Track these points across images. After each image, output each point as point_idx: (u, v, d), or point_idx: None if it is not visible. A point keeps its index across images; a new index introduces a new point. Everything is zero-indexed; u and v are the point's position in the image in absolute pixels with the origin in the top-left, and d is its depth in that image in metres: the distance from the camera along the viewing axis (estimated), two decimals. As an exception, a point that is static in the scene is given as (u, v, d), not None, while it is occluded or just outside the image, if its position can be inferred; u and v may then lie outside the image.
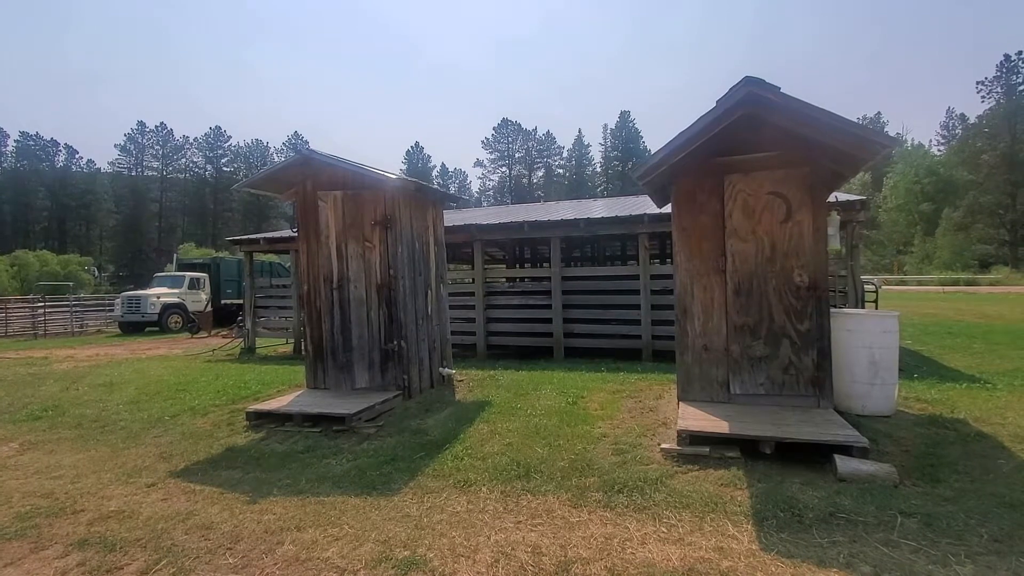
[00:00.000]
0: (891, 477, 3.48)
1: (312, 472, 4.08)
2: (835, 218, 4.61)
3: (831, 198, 7.56)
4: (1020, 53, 52.97)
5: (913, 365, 7.62)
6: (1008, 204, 49.98)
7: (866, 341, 4.75)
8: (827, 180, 4.71)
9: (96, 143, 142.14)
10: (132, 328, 18.73)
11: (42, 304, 20.08)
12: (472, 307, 10.20)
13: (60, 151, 77.09)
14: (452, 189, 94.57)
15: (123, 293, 20.20)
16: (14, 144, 73.69)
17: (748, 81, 3.95)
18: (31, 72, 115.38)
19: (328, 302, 6.02)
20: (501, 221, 10.30)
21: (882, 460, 3.77)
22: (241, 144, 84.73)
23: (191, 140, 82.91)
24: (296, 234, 6.34)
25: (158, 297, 18.75)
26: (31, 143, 74.26)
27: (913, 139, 70.51)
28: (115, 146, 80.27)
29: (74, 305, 20.85)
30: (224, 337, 14.74)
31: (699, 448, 4.00)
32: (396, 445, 4.60)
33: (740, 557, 2.68)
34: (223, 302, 20.29)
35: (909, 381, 6.17)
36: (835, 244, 4.60)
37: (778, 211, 4.71)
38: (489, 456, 4.21)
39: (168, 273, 21.90)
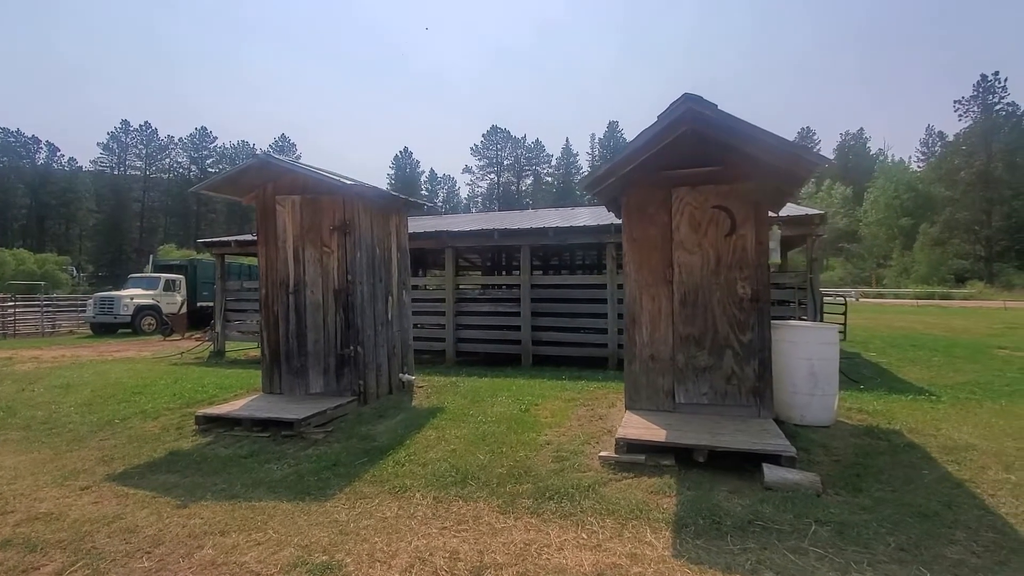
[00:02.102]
0: (815, 486, 3.56)
1: (250, 477, 4.07)
2: (776, 232, 4.73)
3: (784, 211, 7.72)
4: (996, 73, 54.44)
5: (868, 376, 7.79)
6: (984, 220, 51.12)
7: (806, 353, 4.85)
8: (770, 195, 4.83)
9: (78, 141, 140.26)
10: (104, 329, 18.44)
11: (12, 304, 19.70)
12: (442, 313, 10.23)
13: (41, 148, 76.03)
14: (440, 195, 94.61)
15: (96, 294, 19.90)
16: (-7, 140, 72.57)
17: (687, 98, 4.05)
18: (13, 68, 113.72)
19: (284, 306, 6.01)
20: (472, 228, 10.36)
21: (811, 469, 3.85)
22: (227, 145, 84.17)
23: (176, 140, 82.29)
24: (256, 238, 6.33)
25: (131, 298, 18.49)
26: (11, 140, 73.11)
27: (894, 155, 72.24)
28: (97, 144, 79.43)
29: (45, 305, 20.50)
30: (197, 340, 14.57)
31: (635, 456, 4.05)
32: (341, 451, 4.60)
33: (650, 563, 2.73)
34: (199, 304, 20.05)
35: (857, 392, 6.30)
36: (775, 258, 4.71)
37: (723, 224, 4.82)
38: (430, 462, 4.23)
39: (143, 274, 21.62)
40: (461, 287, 10.68)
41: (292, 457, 4.50)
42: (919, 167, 65.81)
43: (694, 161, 4.82)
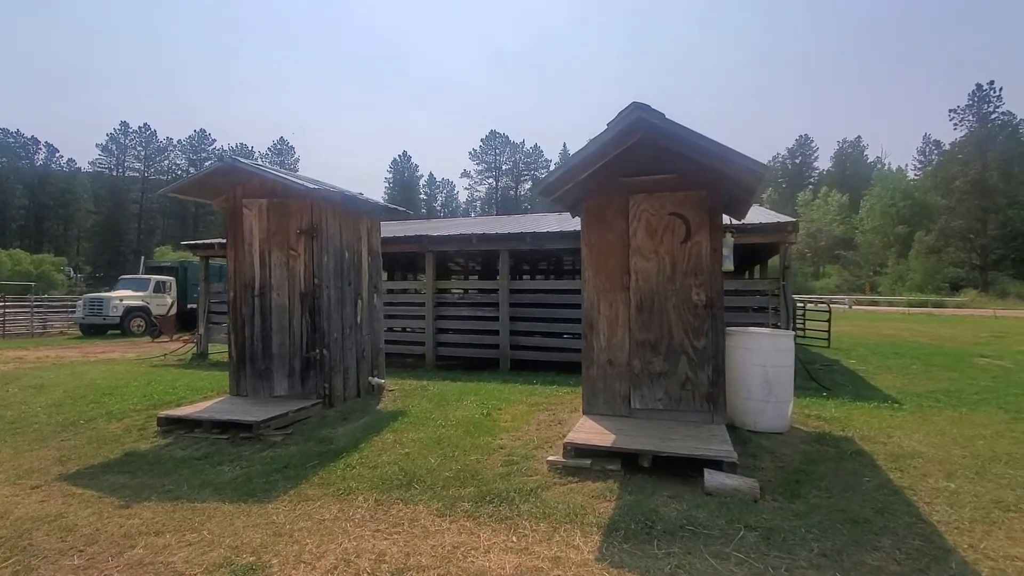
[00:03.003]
0: (752, 492, 3.59)
1: (199, 479, 4.10)
2: (729, 240, 4.77)
3: (760, 218, 7.78)
4: (992, 83, 54.64)
5: (840, 383, 7.82)
6: (979, 229, 51.17)
7: (761, 360, 4.89)
8: (725, 202, 4.88)
9: (77, 142, 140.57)
10: (93, 331, 18.46)
11: (2, 304, 19.72)
12: (423, 318, 10.27)
13: (40, 149, 76.22)
14: (439, 199, 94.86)
15: (85, 295, 19.93)
16: (-7, 141, 72.71)
17: (636, 107, 4.10)
18: (13, 68, 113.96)
19: (250, 309, 6.05)
20: (451, 233, 10.41)
21: (754, 475, 3.88)
22: (226, 147, 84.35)
23: (175, 142, 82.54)
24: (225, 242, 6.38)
25: (120, 300, 18.53)
26: (11, 140, 73.24)
27: (891, 163, 72.51)
28: (96, 146, 79.68)
29: (35, 305, 20.52)
30: (185, 342, 14.60)
31: (582, 461, 4.08)
32: (296, 453, 4.63)
33: (571, 567, 2.76)
34: (189, 306, 20.07)
35: (821, 399, 6.33)
36: (729, 265, 4.76)
37: (678, 231, 4.87)
38: (380, 465, 4.26)
39: (134, 275, 21.65)
40: (441, 291, 10.72)
41: (246, 459, 4.53)
42: (916, 175, 65.95)
43: (651, 168, 4.87)
